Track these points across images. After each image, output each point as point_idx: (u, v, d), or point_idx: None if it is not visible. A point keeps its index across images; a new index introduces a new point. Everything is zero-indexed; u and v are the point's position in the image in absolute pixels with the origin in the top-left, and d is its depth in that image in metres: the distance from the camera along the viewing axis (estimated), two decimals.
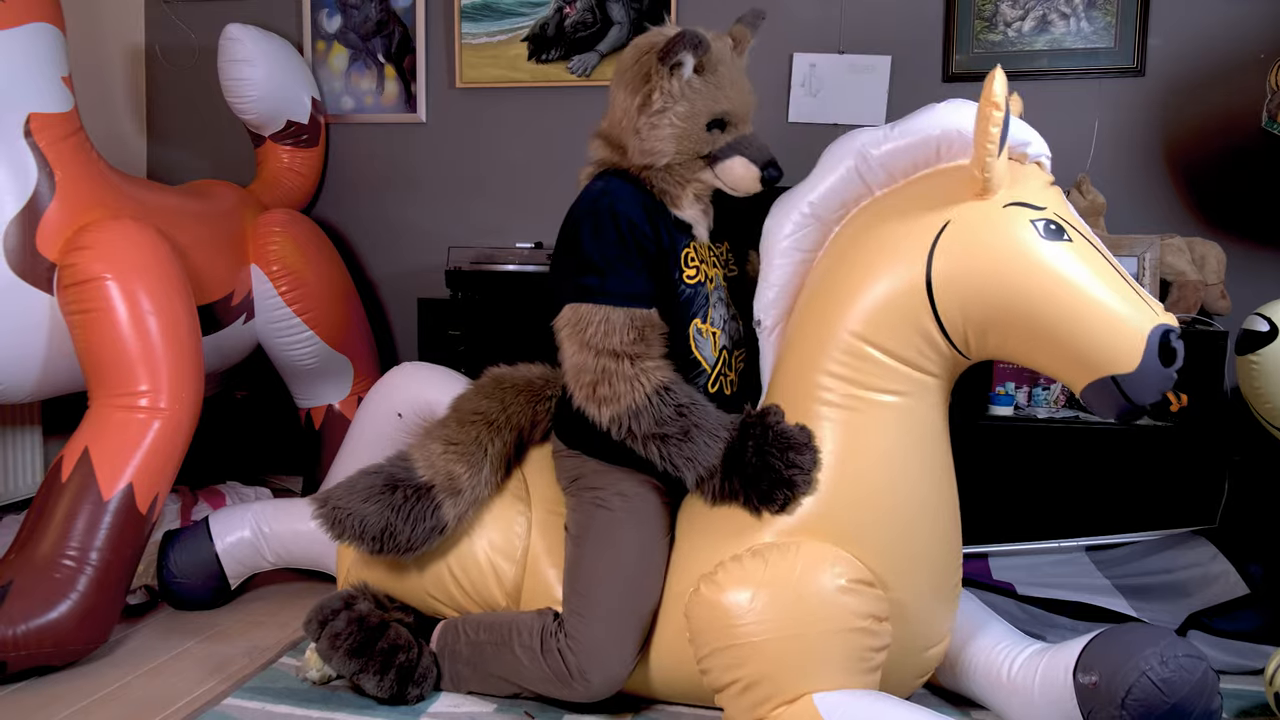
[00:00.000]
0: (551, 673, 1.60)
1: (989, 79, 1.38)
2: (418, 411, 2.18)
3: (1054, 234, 1.43)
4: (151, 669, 1.85)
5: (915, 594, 1.55)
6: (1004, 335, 1.47)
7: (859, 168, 1.58)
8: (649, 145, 1.66)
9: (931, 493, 1.57)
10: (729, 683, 1.49)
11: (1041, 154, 1.57)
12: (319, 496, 1.74)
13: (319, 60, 3.09)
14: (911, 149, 1.55)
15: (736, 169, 1.67)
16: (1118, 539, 2.27)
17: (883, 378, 1.52)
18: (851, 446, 1.53)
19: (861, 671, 1.48)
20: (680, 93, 1.65)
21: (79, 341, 1.96)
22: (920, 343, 1.51)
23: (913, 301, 1.49)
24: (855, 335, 1.52)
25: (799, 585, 1.46)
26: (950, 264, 1.47)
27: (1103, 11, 2.61)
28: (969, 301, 1.46)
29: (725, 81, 1.68)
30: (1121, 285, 1.42)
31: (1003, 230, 1.44)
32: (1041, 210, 1.45)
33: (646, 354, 1.57)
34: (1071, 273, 1.41)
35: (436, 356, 2.61)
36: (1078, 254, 1.43)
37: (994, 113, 1.37)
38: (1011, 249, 1.43)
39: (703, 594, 1.51)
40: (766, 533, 1.54)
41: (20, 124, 1.96)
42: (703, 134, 1.66)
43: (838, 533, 1.52)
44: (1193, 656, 1.42)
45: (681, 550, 1.65)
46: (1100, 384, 1.40)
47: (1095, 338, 1.39)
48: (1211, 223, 2.60)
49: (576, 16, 2.91)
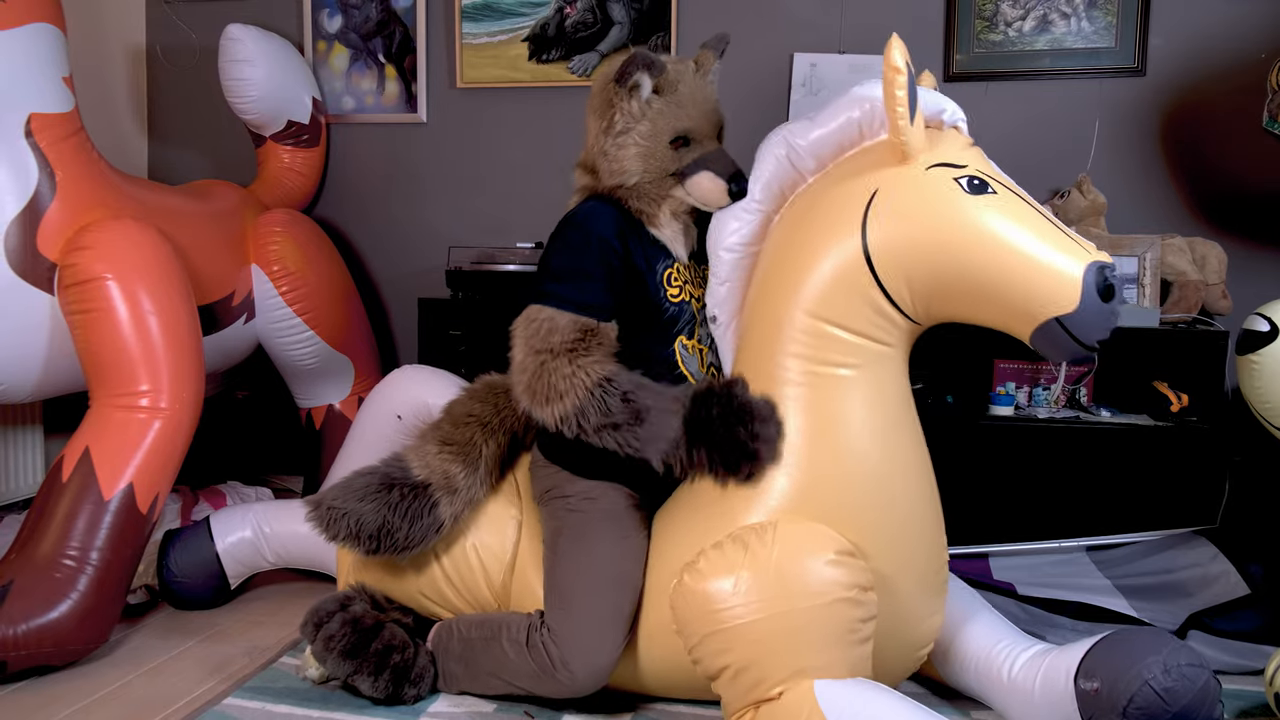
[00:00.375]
0: (536, 666, 1.60)
1: (887, 47, 1.43)
2: (417, 414, 2.18)
3: (978, 189, 1.46)
4: (151, 669, 1.86)
5: (898, 563, 1.56)
6: (946, 295, 1.50)
7: (789, 156, 1.63)
8: (616, 166, 1.71)
9: (903, 459, 1.58)
10: (721, 669, 1.50)
11: (957, 118, 1.61)
12: (313, 499, 1.74)
13: (320, 60, 3.09)
14: (835, 132, 1.60)
15: (704, 183, 1.70)
16: (1118, 539, 2.28)
17: (840, 352, 1.54)
18: (818, 423, 1.54)
19: (851, 644, 1.47)
20: (640, 113, 1.70)
21: (79, 341, 1.96)
22: (870, 314, 1.53)
23: (855, 273, 1.52)
24: (808, 314, 1.55)
25: (780, 564, 1.46)
26: (883, 231, 1.50)
27: (1103, 11, 2.61)
28: (907, 265, 1.49)
29: (686, 100, 1.72)
30: (1051, 230, 1.44)
31: (927, 190, 1.48)
32: (963, 168, 1.48)
33: (586, 354, 1.60)
34: (1000, 224, 1.44)
35: (437, 357, 2.61)
36: (1003, 205, 1.46)
37: (896, 77, 1.42)
38: (938, 207, 1.47)
39: (686, 584, 1.52)
40: (744, 516, 1.55)
41: (21, 124, 1.97)
42: (667, 151, 1.70)
43: (814, 508, 1.53)
44: (1195, 665, 1.42)
45: (662, 543, 1.67)
46: (1045, 328, 1.42)
47: (1032, 283, 1.41)
48: (1212, 223, 2.60)
49: (577, 16, 2.91)
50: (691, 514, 1.65)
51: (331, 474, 2.36)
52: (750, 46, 2.81)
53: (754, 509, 1.55)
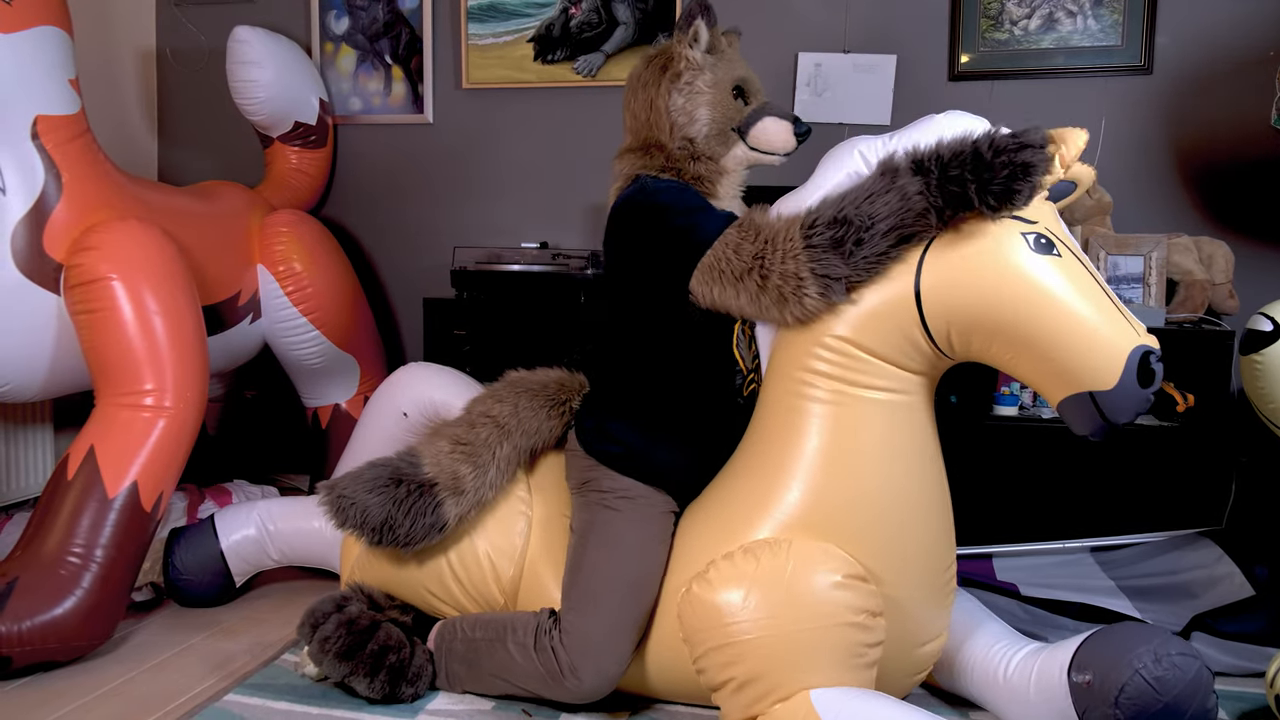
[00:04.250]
0: (543, 670, 1.60)
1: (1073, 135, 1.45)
2: (423, 411, 2.19)
3: (1044, 248, 1.44)
4: (155, 665, 1.87)
5: (908, 589, 1.55)
6: (988, 342, 1.48)
7: (859, 174, 1.58)
8: (684, 117, 1.73)
9: (922, 486, 1.57)
10: (724, 681, 1.50)
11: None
12: (328, 484, 1.75)
13: (327, 62, 3.11)
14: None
15: (770, 128, 1.75)
16: (1123, 540, 2.26)
17: (868, 374, 1.53)
18: (841, 442, 1.53)
19: (856, 668, 1.48)
20: (702, 62, 1.75)
21: (85, 341, 1.98)
22: (906, 345, 1.52)
23: (902, 307, 1.50)
24: (844, 336, 1.53)
25: (791, 582, 1.46)
26: (939, 272, 1.47)
27: (1110, 9, 2.59)
28: (956, 309, 1.47)
29: (734, 58, 1.79)
30: (1106, 304, 1.43)
31: (993, 241, 1.45)
32: (1033, 224, 1.46)
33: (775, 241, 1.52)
34: (1058, 288, 1.42)
35: (442, 356, 2.62)
36: (1066, 269, 1.44)
37: (1059, 168, 1.44)
38: (1001, 260, 1.44)
39: (695, 593, 1.52)
40: (756, 529, 1.55)
41: (27, 126, 1.98)
42: (730, 100, 1.74)
43: (829, 529, 1.52)
44: (1186, 655, 1.42)
45: (678, 551, 1.66)
46: (1077, 399, 1.41)
47: (1077, 353, 1.40)
48: (1219, 222, 2.58)
49: (582, 17, 2.92)
50: (706, 520, 1.64)
51: (338, 469, 2.38)
52: (755, 45, 2.79)
53: (767, 522, 1.55)
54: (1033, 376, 1.46)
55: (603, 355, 1.80)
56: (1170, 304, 2.42)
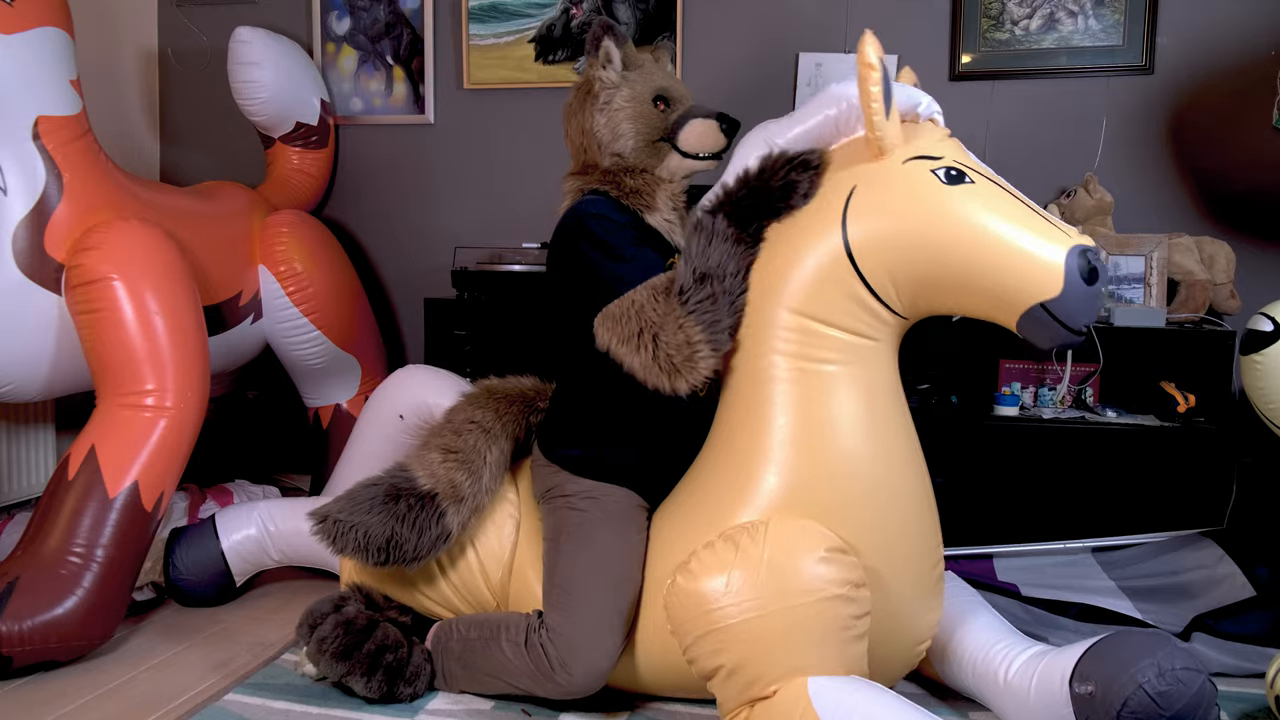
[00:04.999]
0: (534, 666, 1.61)
1: (860, 44, 1.44)
2: (419, 413, 2.20)
3: (955, 179, 1.46)
4: (155, 665, 1.88)
5: (891, 559, 1.55)
6: (930, 287, 1.49)
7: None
8: (609, 133, 1.78)
9: (893, 454, 1.57)
10: (715, 669, 1.50)
11: (933, 110, 1.61)
12: (318, 512, 1.74)
13: (328, 62, 3.12)
14: (813, 131, 1.61)
15: (696, 129, 1.78)
16: (1124, 540, 2.26)
17: (826, 348, 1.54)
18: (807, 420, 1.54)
19: (845, 641, 1.47)
20: (618, 81, 1.79)
21: (86, 341, 1.99)
22: (856, 309, 1.53)
23: (838, 270, 1.52)
24: (793, 311, 1.54)
25: (772, 562, 1.46)
26: (863, 226, 1.50)
27: (1111, 9, 2.59)
28: (889, 259, 1.49)
29: (653, 70, 1.82)
30: (1031, 216, 1.44)
31: (905, 183, 1.48)
32: (939, 159, 1.48)
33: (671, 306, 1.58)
34: (978, 213, 1.44)
35: (443, 357, 2.63)
36: (982, 194, 1.45)
37: (870, 74, 1.43)
38: (916, 199, 1.47)
39: (679, 584, 1.52)
40: (736, 515, 1.55)
41: (29, 127, 1.99)
42: (651, 110, 1.78)
43: (805, 506, 1.52)
44: (1190, 669, 1.40)
45: (657, 543, 1.67)
46: (1031, 315, 1.42)
47: (1014, 270, 1.41)
48: (1221, 222, 2.57)
49: (583, 17, 2.92)
50: (685, 514, 1.65)
51: (336, 472, 2.39)
52: (755, 46, 2.82)
53: (745, 508, 1.55)
54: (984, 308, 1.47)
55: (555, 364, 1.84)
56: (1171, 304, 2.42)
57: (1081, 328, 1.41)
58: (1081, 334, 1.42)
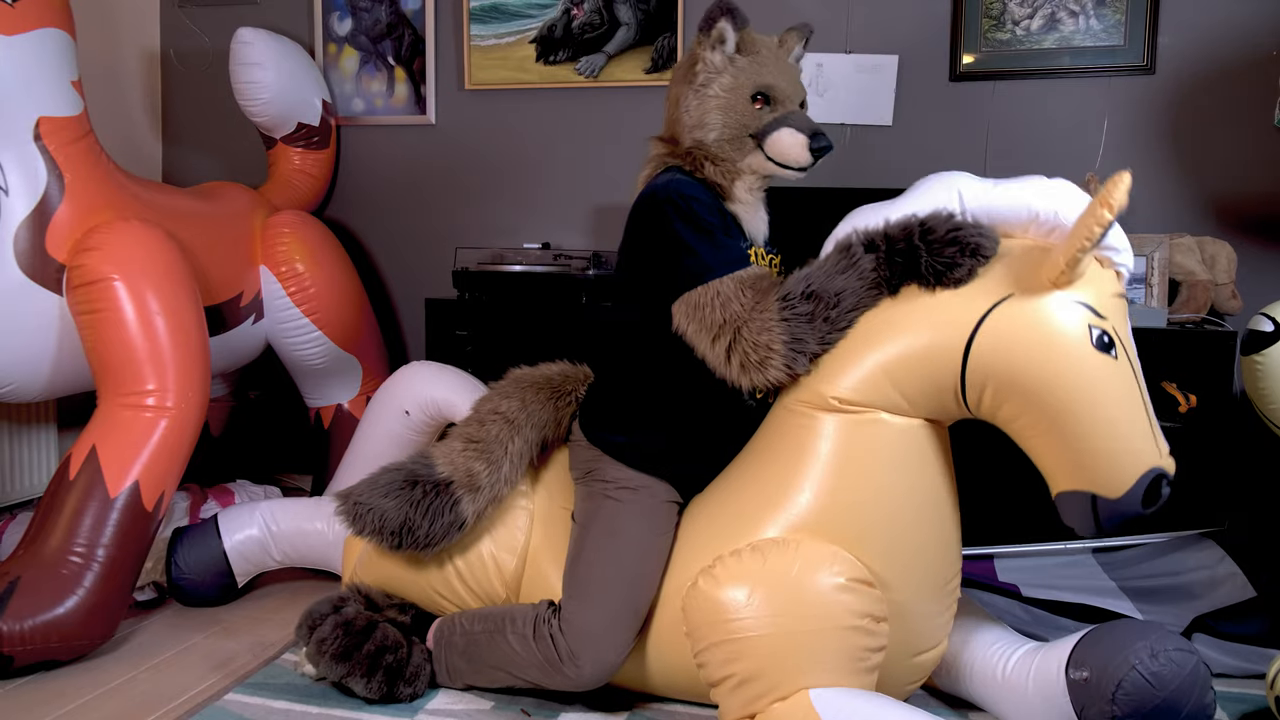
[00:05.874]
0: (542, 657, 1.60)
1: (1115, 182, 1.36)
2: (425, 409, 2.20)
3: (1104, 347, 1.42)
4: (156, 664, 1.88)
5: (914, 596, 1.55)
6: (1017, 412, 1.46)
7: (948, 209, 1.55)
8: (695, 119, 1.71)
9: (933, 497, 1.57)
10: (724, 677, 1.50)
11: (1125, 265, 1.54)
12: (343, 493, 1.76)
13: (330, 63, 3.12)
14: (1006, 212, 1.53)
15: (784, 138, 1.68)
16: (1125, 541, 2.25)
17: (893, 408, 1.53)
18: (851, 449, 1.53)
19: (858, 671, 1.48)
20: (723, 66, 1.71)
21: (87, 341, 1.99)
22: (932, 390, 1.51)
23: (946, 363, 1.48)
24: (882, 368, 1.51)
25: (797, 582, 1.46)
26: (998, 333, 1.45)
27: (1112, 9, 2.59)
28: (1001, 372, 1.44)
29: (769, 61, 1.73)
30: (1141, 417, 1.42)
31: (1060, 322, 1.42)
32: (1103, 320, 1.44)
33: (764, 301, 1.55)
34: (1105, 389, 1.41)
35: (443, 357, 2.63)
36: (1117, 373, 1.42)
37: (1105, 214, 1.36)
38: (1061, 344, 1.42)
39: (700, 588, 1.52)
40: (765, 528, 1.55)
41: (30, 128, 1.99)
42: (747, 106, 1.69)
43: (838, 532, 1.52)
44: (1183, 650, 1.42)
45: (682, 545, 1.66)
46: (1079, 496, 1.42)
47: (1098, 455, 1.40)
48: (1222, 222, 2.57)
49: (584, 18, 2.92)
50: (714, 517, 1.64)
51: (342, 466, 2.39)
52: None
53: (775, 521, 1.55)
54: (1046, 459, 1.45)
55: (607, 345, 1.79)
56: (1173, 305, 2.42)
57: (1107, 529, 1.42)
58: (1103, 532, 1.44)
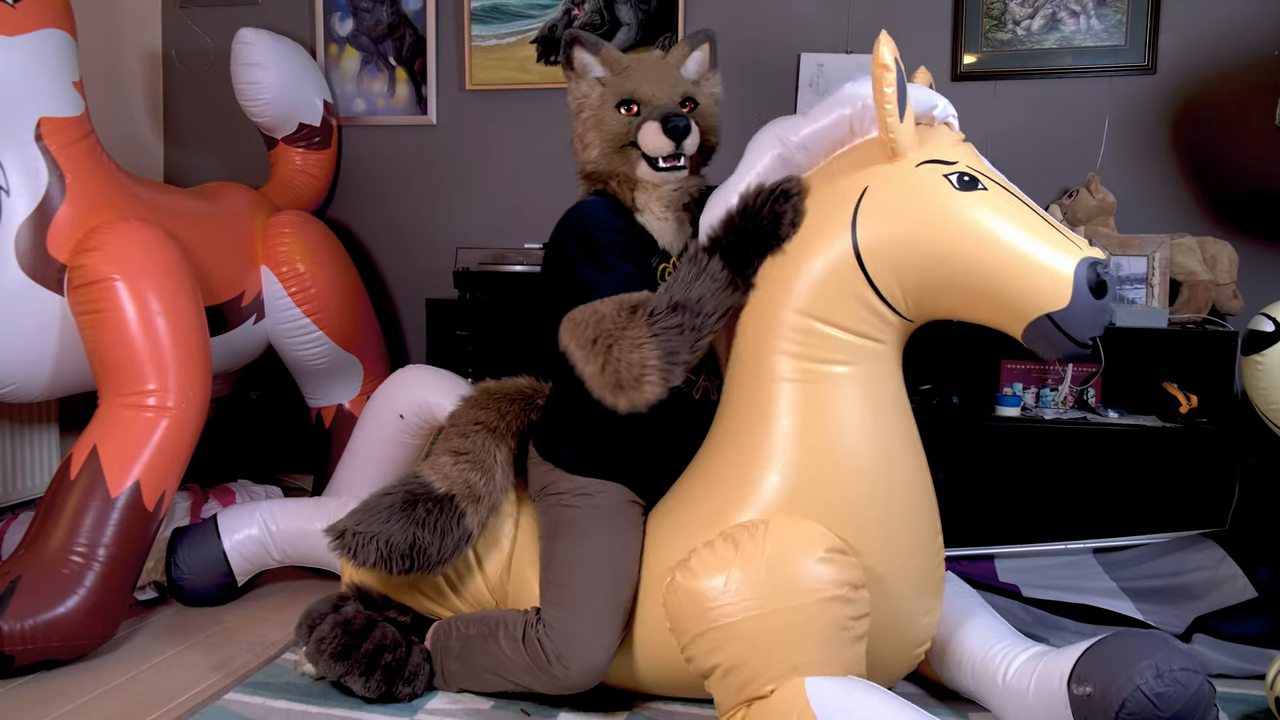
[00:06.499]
0: (531, 661, 1.61)
1: (876, 44, 1.43)
2: (418, 413, 2.21)
3: (968, 185, 1.46)
4: (156, 664, 1.88)
5: (891, 560, 1.56)
6: (937, 291, 1.49)
7: (782, 154, 1.61)
8: (578, 144, 1.77)
9: (896, 456, 1.57)
10: (712, 667, 1.50)
11: (948, 114, 1.60)
12: (335, 527, 1.73)
13: (331, 63, 3.12)
14: (827, 129, 1.59)
15: (647, 135, 1.71)
16: (1125, 541, 2.25)
17: (832, 349, 1.54)
18: (810, 420, 1.54)
19: (844, 643, 1.47)
20: (590, 89, 1.77)
21: (88, 341, 1.99)
22: (862, 311, 1.53)
23: (846, 271, 1.52)
24: (800, 311, 1.54)
25: (771, 562, 1.46)
26: (873, 228, 1.50)
27: (1113, 9, 2.58)
28: (897, 262, 1.49)
29: (635, 72, 1.75)
30: (1043, 226, 1.43)
31: (917, 187, 1.47)
32: (953, 164, 1.48)
33: (632, 320, 1.56)
34: (989, 220, 1.43)
35: (444, 357, 2.63)
36: (994, 201, 1.45)
37: (885, 74, 1.42)
38: (928, 204, 1.46)
39: (678, 582, 1.52)
40: (737, 514, 1.55)
41: (31, 128, 2.00)
42: (616, 116, 1.73)
43: (806, 506, 1.53)
44: (1189, 670, 1.40)
45: (656, 541, 1.68)
46: (1037, 325, 1.41)
47: (1022, 279, 1.40)
48: (1223, 222, 2.57)
49: (585, 18, 2.92)
50: (685, 511, 1.66)
51: (337, 472, 2.39)
52: (757, 46, 2.81)
53: (746, 507, 1.55)
54: (991, 315, 1.47)
55: (548, 362, 1.81)
56: (1174, 305, 2.41)
57: (1087, 340, 1.40)
58: (1087, 347, 1.41)
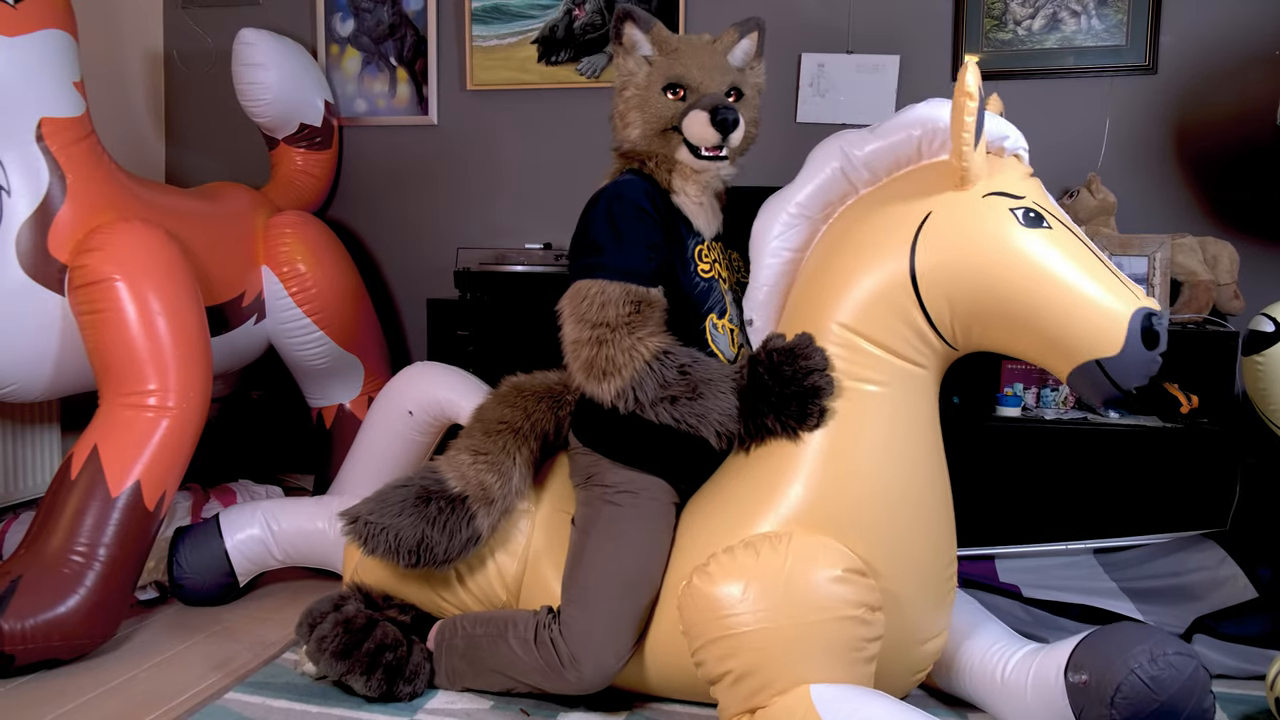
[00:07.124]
0: (543, 662, 1.61)
1: (962, 70, 1.41)
2: (428, 409, 2.21)
3: (1033, 222, 1.45)
4: (157, 664, 1.88)
5: (908, 584, 1.55)
6: (988, 323, 1.48)
7: (844, 168, 1.60)
8: (620, 121, 1.76)
9: (922, 482, 1.57)
10: (722, 674, 1.50)
11: (1019, 147, 1.58)
12: (349, 513, 1.74)
13: (332, 63, 3.13)
14: (893, 147, 1.57)
15: (693, 124, 1.70)
16: (1126, 542, 2.25)
17: (871, 368, 1.53)
18: (842, 437, 1.53)
19: (855, 662, 1.48)
20: (637, 67, 1.75)
21: (89, 341, 2.00)
22: (908, 334, 1.52)
23: (898, 293, 1.50)
24: (844, 327, 1.53)
25: (790, 575, 1.46)
26: (932, 255, 1.48)
27: (1114, 9, 2.58)
28: (952, 290, 1.48)
29: (685, 55, 1.74)
30: (1102, 271, 1.43)
31: (982, 219, 1.46)
32: (1020, 199, 1.46)
33: (643, 325, 1.58)
34: (1051, 259, 1.42)
35: (445, 357, 2.63)
36: (1057, 241, 1.44)
37: (968, 103, 1.40)
38: (991, 237, 1.45)
39: (695, 586, 1.52)
40: (758, 523, 1.55)
41: (32, 129, 2.00)
42: (662, 99, 1.72)
43: (829, 523, 1.52)
44: (1182, 654, 1.41)
45: (679, 544, 1.67)
46: (1085, 369, 1.41)
47: (1077, 323, 1.40)
48: (1224, 222, 2.57)
49: (586, 18, 2.92)
50: (708, 516, 1.64)
51: (345, 466, 2.39)
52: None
53: (768, 516, 1.55)
54: (1039, 353, 1.46)
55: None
56: (1175, 305, 2.41)
57: (1132, 390, 1.40)
58: (1131, 395, 1.41)
